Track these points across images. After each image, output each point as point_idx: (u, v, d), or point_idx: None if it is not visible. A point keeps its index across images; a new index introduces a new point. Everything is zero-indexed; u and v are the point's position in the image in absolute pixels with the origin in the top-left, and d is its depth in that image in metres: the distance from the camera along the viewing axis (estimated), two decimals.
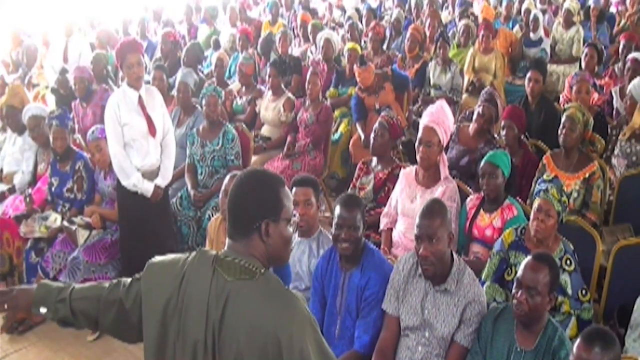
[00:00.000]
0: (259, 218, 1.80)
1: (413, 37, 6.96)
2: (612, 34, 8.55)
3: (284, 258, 1.92)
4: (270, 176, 1.90)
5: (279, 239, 1.83)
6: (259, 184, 1.85)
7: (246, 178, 1.88)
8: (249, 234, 1.81)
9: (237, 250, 1.82)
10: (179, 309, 1.80)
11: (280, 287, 1.78)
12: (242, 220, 1.83)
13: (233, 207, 1.85)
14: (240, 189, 1.85)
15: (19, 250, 4.57)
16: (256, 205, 1.82)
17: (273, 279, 1.79)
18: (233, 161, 4.83)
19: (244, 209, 1.83)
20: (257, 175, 1.90)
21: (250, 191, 1.84)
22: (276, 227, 1.82)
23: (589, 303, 3.10)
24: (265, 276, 1.78)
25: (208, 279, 1.77)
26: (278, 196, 1.84)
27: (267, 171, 1.97)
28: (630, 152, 4.60)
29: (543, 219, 3.12)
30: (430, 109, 3.97)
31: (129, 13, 9.91)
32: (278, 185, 1.86)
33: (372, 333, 2.92)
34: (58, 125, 4.54)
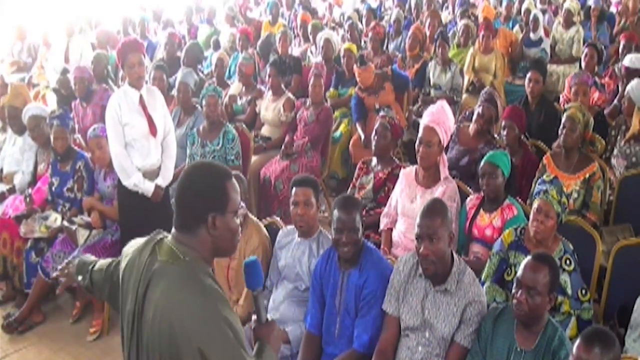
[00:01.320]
0: (206, 211, 1.83)
1: (414, 36, 6.97)
2: (612, 33, 8.55)
3: (230, 249, 1.95)
4: (216, 169, 1.91)
5: (226, 231, 1.86)
6: (205, 177, 1.87)
7: (192, 172, 1.89)
8: (196, 227, 1.84)
9: (178, 239, 1.86)
10: (126, 282, 1.92)
11: (198, 278, 1.79)
12: (189, 214, 1.85)
13: (179, 201, 1.87)
14: (187, 183, 1.87)
15: (19, 250, 4.57)
16: (203, 199, 1.85)
17: (195, 269, 1.81)
18: (233, 161, 4.83)
19: (191, 203, 1.85)
20: (203, 169, 1.91)
21: (197, 185, 1.86)
22: (223, 220, 1.85)
23: (588, 303, 3.10)
24: (188, 264, 1.81)
25: (146, 257, 1.88)
26: (224, 189, 1.86)
27: (213, 164, 1.98)
28: (629, 152, 4.60)
29: (542, 220, 3.11)
30: (430, 108, 3.96)
31: (129, 13, 9.91)
32: (224, 178, 1.88)
33: (371, 332, 2.92)
34: (59, 125, 4.54)
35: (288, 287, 3.33)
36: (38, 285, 4.36)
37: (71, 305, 4.61)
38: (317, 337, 3.10)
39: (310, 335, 3.11)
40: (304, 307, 3.25)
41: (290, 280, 3.32)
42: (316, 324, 3.10)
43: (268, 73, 5.95)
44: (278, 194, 5.25)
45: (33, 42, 8.97)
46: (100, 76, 6.09)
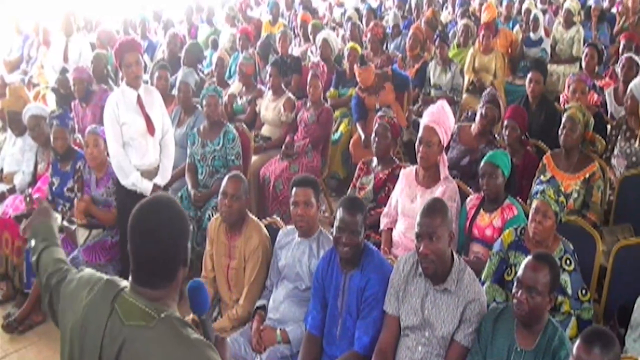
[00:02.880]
0: (177, 267, 1.73)
1: (415, 36, 6.97)
2: (613, 34, 8.56)
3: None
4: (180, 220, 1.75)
5: (180, 282, 1.76)
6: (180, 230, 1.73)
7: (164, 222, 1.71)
8: (167, 283, 1.71)
9: (143, 294, 1.69)
10: (79, 338, 1.73)
11: (181, 333, 1.65)
12: (159, 271, 1.70)
13: (148, 258, 1.70)
14: (160, 234, 1.69)
15: (19, 250, 4.57)
16: (174, 255, 1.72)
17: (174, 324, 1.66)
18: (233, 161, 4.83)
19: (162, 260, 1.70)
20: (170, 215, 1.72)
21: (175, 239, 1.72)
22: (184, 272, 1.77)
23: (589, 303, 3.10)
24: (164, 321, 1.65)
25: (105, 317, 1.68)
26: (187, 242, 1.77)
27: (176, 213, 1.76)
28: (630, 152, 4.60)
29: (541, 221, 3.11)
30: (431, 108, 3.97)
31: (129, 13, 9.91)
32: (188, 229, 1.77)
33: (372, 334, 2.92)
34: (59, 125, 4.54)
35: (288, 287, 3.33)
36: (38, 285, 4.36)
37: None
38: (317, 337, 3.10)
39: (311, 336, 3.11)
40: (304, 307, 3.25)
41: (291, 280, 3.32)
42: (317, 325, 3.10)
43: (269, 73, 5.95)
44: (278, 194, 5.25)
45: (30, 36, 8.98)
46: (99, 76, 6.09)
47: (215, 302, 3.64)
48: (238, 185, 3.46)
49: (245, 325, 3.40)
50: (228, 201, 3.42)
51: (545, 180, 3.27)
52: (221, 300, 3.62)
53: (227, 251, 3.50)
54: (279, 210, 5.18)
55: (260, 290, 3.47)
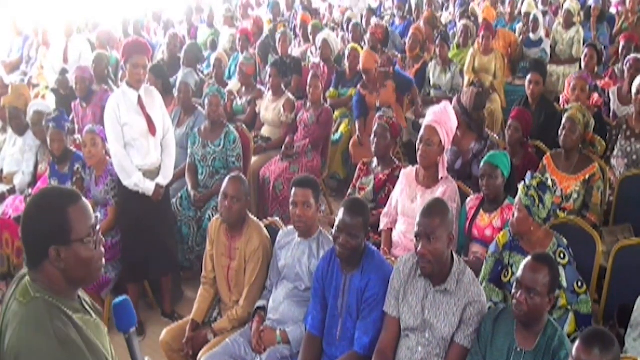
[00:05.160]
0: (46, 245, 1.71)
1: (414, 37, 6.98)
2: (612, 34, 8.56)
3: (87, 278, 1.83)
4: (53, 197, 1.77)
5: (75, 262, 1.74)
6: (40, 208, 1.75)
7: (30, 203, 1.78)
8: (40, 262, 1.73)
9: (31, 276, 1.76)
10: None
11: (41, 317, 1.69)
12: (31, 249, 1.74)
13: (21, 235, 1.76)
14: (25, 216, 1.75)
15: (19, 251, 4.58)
16: (40, 231, 1.72)
17: (40, 306, 1.70)
18: (234, 162, 4.83)
19: (30, 238, 1.74)
20: (39, 200, 1.78)
21: (32, 218, 1.74)
22: (68, 251, 1.73)
23: (585, 295, 3.09)
24: (34, 301, 1.71)
25: (10, 294, 1.79)
26: (64, 218, 1.72)
27: (55, 189, 1.83)
28: (630, 151, 4.61)
29: (513, 214, 3.16)
30: (433, 108, 3.97)
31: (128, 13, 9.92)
32: (64, 205, 1.74)
33: (372, 334, 2.92)
34: (55, 127, 4.51)
35: (288, 287, 3.33)
36: None
37: None
38: (317, 338, 3.11)
39: (311, 336, 3.11)
40: (304, 308, 3.25)
41: (291, 281, 3.32)
42: (317, 325, 3.10)
43: (269, 73, 5.96)
44: (278, 195, 5.26)
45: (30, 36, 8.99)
46: (100, 76, 6.09)
47: (215, 302, 3.64)
48: (238, 186, 3.46)
49: (245, 325, 3.40)
50: (228, 202, 3.42)
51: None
52: (221, 300, 3.62)
53: (227, 252, 3.50)
54: (279, 210, 5.18)
55: (260, 291, 3.47)
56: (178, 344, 3.43)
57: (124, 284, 4.40)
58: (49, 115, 4.69)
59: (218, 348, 3.24)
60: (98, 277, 1.87)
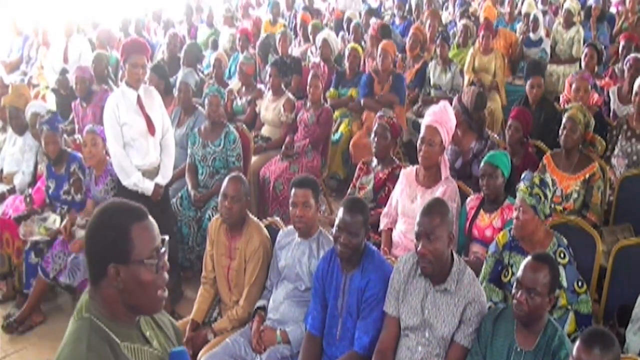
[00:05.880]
0: (105, 262, 1.62)
1: (415, 36, 6.98)
2: (612, 34, 8.56)
3: (146, 306, 1.71)
4: (121, 211, 1.67)
5: (134, 284, 1.64)
6: (103, 223, 1.65)
7: (95, 216, 1.68)
8: (99, 279, 1.65)
9: (89, 293, 1.68)
10: None
11: (82, 339, 1.61)
12: (90, 264, 1.67)
13: (84, 251, 1.70)
14: (88, 231, 1.68)
15: (19, 251, 4.58)
16: (100, 247, 1.64)
17: (84, 327, 1.63)
18: (234, 162, 4.83)
19: (90, 253, 1.67)
20: (103, 213, 1.68)
21: (94, 232, 1.65)
22: (128, 271, 1.62)
23: (585, 295, 3.09)
24: (83, 320, 1.64)
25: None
26: (126, 235, 1.62)
27: (119, 205, 1.71)
28: (630, 151, 4.61)
29: (518, 216, 3.13)
30: (433, 108, 3.97)
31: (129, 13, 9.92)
32: (129, 221, 1.64)
33: (372, 334, 2.92)
34: (49, 130, 4.48)
35: (288, 288, 3.33)
36: (38, 285, 4.37)
37: (71, 305, 4.61)
38: (318, 338, 3.11)
39: (311, 336, 3.11)
40: (304, 308, 3.25)
41: (291, 281, 3.32)
42: (317, 325, 3.10)
43: (269, 73, 5.96)
44: (278, 195, 5.25)
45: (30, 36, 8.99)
46: (100, 76, 6.09)
47: (215, 302, 3.64)
48: (238, 186, 3.45)
49: (245, 325, 3.40)
50: (228, 203, 3.42)
51: (523, 177, 3.25)
52: (221, 300, 3.62)
53: (227, 252, 3.50)
54: (279, 210, 5.18)
55: (260, 291, 3.47)
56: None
57: None
58: (42, 117, 4.67)
59: (218, 348, 3.24)
60: (159, 307, 1.74)
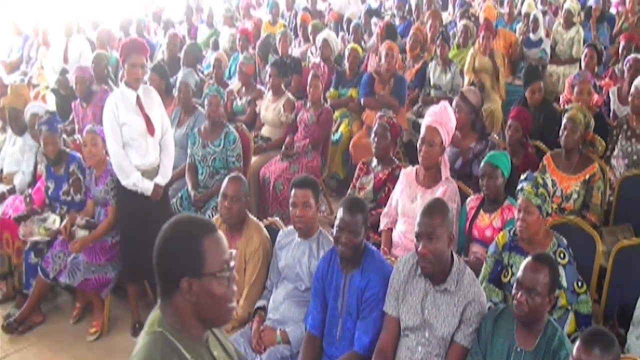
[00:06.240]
0: (177, 276, 1.61)
1: (415, 37, 6.98)
2: (612, 34, 8.56)
3: (218, 318, 1.71)
4: (191, 224, 1.67)
5: (206, 297, 1.63)
6: (176, 236, 1.64)
7: (165, 230, 1.67)
8: (171, 293, 1.64)
9: (161, 307, 1.68)
10: None
11: (152, 353, 1.61)
12: (162, 279, 1.66)
13: (155, 264, 1.67)
14: (159, 245, 1.66)
15: (18, 251, 4.57)
16: (172, 261, 1.63)
17: (157, 342, 1.63)
18: (234, 162, 4.83)
19: (162, 267, 1.65)
20: (173, 227, 1.67)
21: (166, 246, 1.64)
22: (200, 284, 1.61)
23: (585, 295, 3.09)
24: (154, 335, 1.64)
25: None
26: (198, 248, 1.62)
27: (191, 218, 1.73)
28: (630, 151, 4.61)
29: (524, 218, 3.11)
30: (433, 108, 3.97)
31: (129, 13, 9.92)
32: (200, 234, 1.64)
33: (372, 334, 2.92)
34: (48, 130, 4.46)
35: (288, 288, 3.33)
36: (38, 285, 4.36)
37: (71, 305, 4.61)
38: (317, 338, 3.10)
39: (311, 336, 3.11)
40: (304, 308, 3.25)
41: (291, 281, 3.32)
42: (317, 325, 3.10)
43: (269, 73, 5.95)
44: (278, 195, 5.25)
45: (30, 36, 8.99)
46: (100, 76, 6.08)
47: None
48: (238, 186, 3.45)
49: (245, 325, 3.40)
50: (228, 203, 3.41)
51: (524, 178, 3.25)
52: None
53: None
54: (279, 210, 5.18)
55: (260, 291, 3.47)
56: None
57: (124, 284, 4.40)
58: (41, 118, 4.66)
59: None
60: (229, 318, 1.74)
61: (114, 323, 4.41)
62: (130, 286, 4.38)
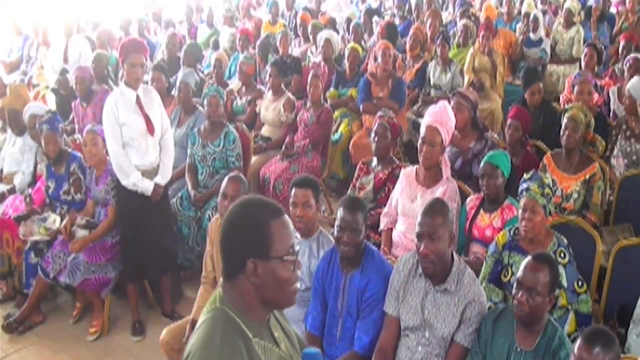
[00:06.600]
0: (244, 257, 1.63)
1: (415, 36, 6.98)
2: (612, 34, 8.56)
3: (281, 301, 1.72)
4: (260, 207, 1.69)
5: (271, 280, 1.64)
6: (244, 217, 1.66)
7: (233, 211, 1.69)
8: (236, 274, 1.66)
9: (224, 287, 1.70)
10: None
11: (214, 329, 1.63)
12: (227, 259, 1.68)
13: (220, 244, 1.69)
14: (226, 224, 1.68)
15: (18, 251, 4.57)
16: (240, 242, 1.64)
17: (217, 318, 1.65)
18: (234, 162, 4.83)
19: (229, 247, 1.67)
20: (244, 207, 1.69)
21: (234, 228, 1.66)
22: (266, 266, 1.63)
23: (585, 294, 3.09)
24: (215, 311, 1.66)
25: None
26: (266, 231, 1.64)
27: (260, 200, 1.74)
28: (630, 151, 4.61)
29: (530, 217, 3.11)
30: (432, 108, 3.96)
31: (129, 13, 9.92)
32: (268, 217, 1.65)
33: (372, 334, 2.92)
34: (49, 129, 4.46)
35: None
36: (38, 285, 4.36)
37: (71, 305, 4.61)
38: (317, 338, 3.10)
39: (311, 336, 3.11)
40: (304, 307, 3.25)
41: None
42: (317, 325, 3.10)
43: (269, 73, 5.95)
44: (278, 195, 5.25)
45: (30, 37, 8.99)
46: (100, 76, 6.08)
47: None
48: (238, 186, 3.45)
49: None
50: (228, 203, 3.41)
51: (528, 177, 3.25)
52: None
53: None
54: None
55: None
56: (178, 343, 3.42)
57: (124, 284, 4.40)
58: (42, 117, 4.66)
59: None
60: (292, 302, 1.75)
61: (113, 323, 4.41)
62: (130, 286, 4.38)
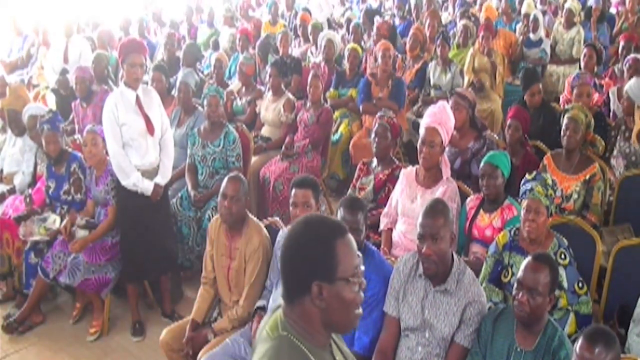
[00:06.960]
0: (309, 280, 1.55)
1: (415, 37, 6.98)
2: (612, 34, 8.56)
3: (345, 324, 1.64)
4: (324, 226, 1.61)
5: (337, 302, 1.57)
6: (308, 238, 1.59)
7: (296, 230, 1.62)
8: (299, 298, 1.58)
9: (284, 311, 1.63)
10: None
11: (282, 354, 1.57)
12: (290, 282, 1.60)
13: (282, 266, 1.62)
14: (289, 245, 1.60)
15: (18, 251, 4.57)
16: (304, 264, 1.57)
17: (285, 346, 1.58)
18: (234, 163, 4.83)
19: (292, 270, 1.59)
20: (304, 229, 1.61)
21: (298, 247, 1.59)
22: (332, 289, 1.56)
23: (586, 295, 3.09)
24: (280, 339, 1.59)
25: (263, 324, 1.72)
26: (332, 252, 1.56)
27: (323, 219, 1.67)
28: (629, 152, 4.61)
29: (534, 218, 3.11)
30: (432, 109, 3.97)
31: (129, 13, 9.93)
32: (333, 237, 1.58)
33: (372, 334, 2.92)
34: (50, 129, 4.46)
35: None
36: (38, 285, 4.36)
37: (71, 305, 4.61)
38: None
39: None
40: None
41: None
42: None
43: (269, 73, 5.96)
44: (278, 195, 5.25)
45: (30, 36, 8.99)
46: (100, 77, 6.09)
47: (215, 302, 3.64)
48: (237, 186, 3.45)
49: (246, 325, 3.40)
50: (227, 203, 3.41)
51: (531, 178, 3.25)
52: (221, 300, 3.62)
53: (227, 252, 3.50)
54: (279, 210, 5.18)
55: (261, 291, 3.47)
56: (178, 343, 3.43)
57: (124, 284, 4.40)
58: (43, 117, 4.67)
59: (218, 348, 3.24)
60: (355, 325, 1.67)
61: (113, 323, 4.41)
62: (130, 286, 4.38)
